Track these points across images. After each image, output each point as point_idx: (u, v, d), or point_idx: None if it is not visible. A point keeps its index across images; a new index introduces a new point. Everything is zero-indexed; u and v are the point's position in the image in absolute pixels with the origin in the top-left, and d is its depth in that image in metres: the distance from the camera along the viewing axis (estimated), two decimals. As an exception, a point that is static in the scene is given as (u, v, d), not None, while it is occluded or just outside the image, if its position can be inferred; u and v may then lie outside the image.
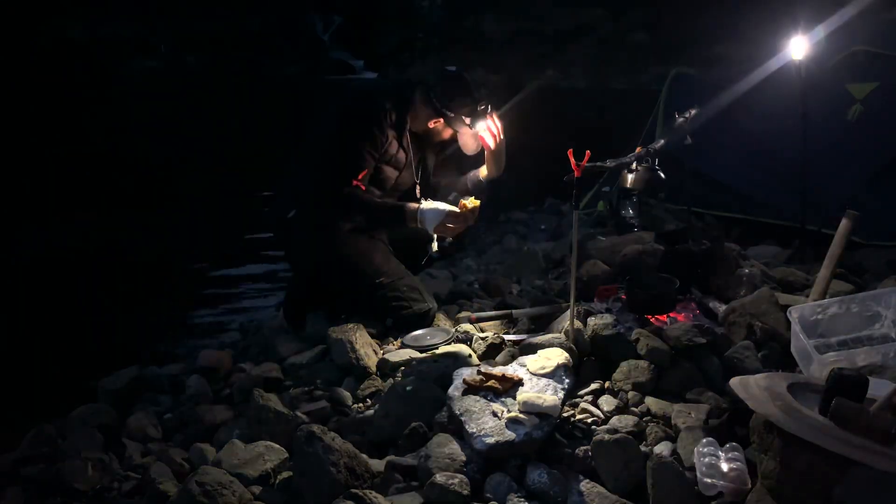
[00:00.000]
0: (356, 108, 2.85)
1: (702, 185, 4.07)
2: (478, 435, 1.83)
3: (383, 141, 2.70)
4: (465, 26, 20.93)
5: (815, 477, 1.44)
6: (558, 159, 2.28)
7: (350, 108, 2.89)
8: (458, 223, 2.59)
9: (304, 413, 2.19)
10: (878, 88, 3.84)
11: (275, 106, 13.44)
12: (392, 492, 1.80)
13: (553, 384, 2.00)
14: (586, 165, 2.19)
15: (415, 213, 2.62)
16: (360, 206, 2.66)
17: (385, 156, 2.74)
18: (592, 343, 2.28)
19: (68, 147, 9.09)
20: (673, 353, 2.20)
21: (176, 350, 3.66)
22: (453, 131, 2.86)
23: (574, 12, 19.94)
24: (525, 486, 1.75)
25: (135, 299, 4.48)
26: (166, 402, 2.53)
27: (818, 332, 2.26)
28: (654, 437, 1.94)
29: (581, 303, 2.60)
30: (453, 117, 2.75)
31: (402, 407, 2.06)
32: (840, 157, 3.73)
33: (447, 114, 2.74)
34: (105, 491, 1.94)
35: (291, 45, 21.46)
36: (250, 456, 1.93)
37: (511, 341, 2.44)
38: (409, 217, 2.63)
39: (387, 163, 2.76)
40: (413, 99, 2.78)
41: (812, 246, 3.32)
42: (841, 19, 3.97)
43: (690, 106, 3.74)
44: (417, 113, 2.79)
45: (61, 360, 3.51)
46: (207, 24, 21.18)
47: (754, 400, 1.61)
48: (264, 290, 4.76)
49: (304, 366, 2.60)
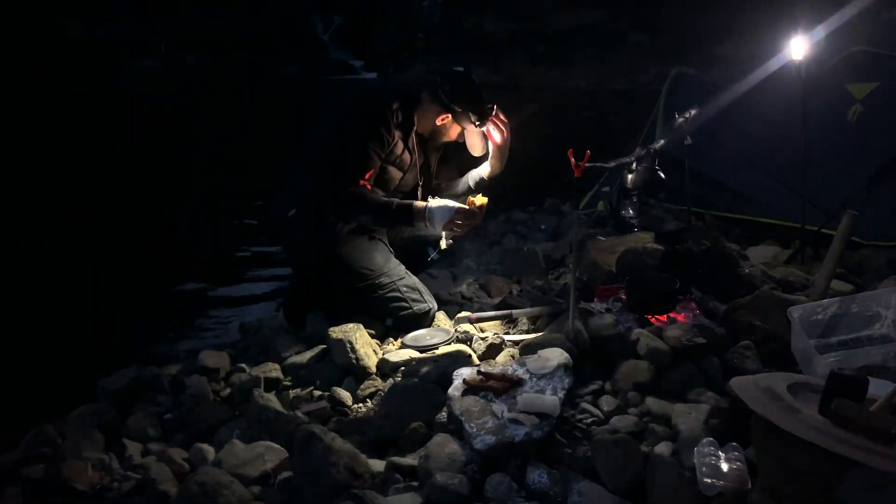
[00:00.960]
0: (362, 108, 2.84)
1: (702, 185, 4.07)
2: (478, 435, 1.83)
3: (389, 140, 2.69)
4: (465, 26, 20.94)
5: (815, 477, 1.44)
6: (558, 159, 2.28)
7: (356, 107, 2.89)
8: (466, 220, 2.61)
9: (304, 413, 2.19)
10: (878, 88, 3.83)
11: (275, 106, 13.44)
12: (392, 492, 1.80)
13: (553, 384, 2.00)
14: (586, 165, 2.19)
15: (423, 211, 2.62)
16: (367, 206, 2.65)
17: (391, 156, 2.73)
18: (592, 343, 2.28)
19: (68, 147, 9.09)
20: (673, 353, 2.20)
21: (176, 350, 3.66)
22: (459, 132, 2.86)
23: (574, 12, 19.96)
24: (525, 486, 1.75)
25: (135, 299, 4.47)
26: (166, 402, 2.52)
27: (818, 332, 2.26)
28: (654, 438, 1.94)
29: (581, 303, 2.60)
30: (461, 112, 2.75)
31: (402, 407, 2.06)
32: (840, 157, 3.73)
33: (455, 109, 2.74)
34: (105, 491, 1.94)
35: (291, 45, 21.46)
36: (250, 456, 1.93)
37: (511, 341, 2.44)
38: (417, 215, 2.63)
39: (392, 163, 2.75)
40: (420, 98, 2.78)
41: (812, 246, 3.32)
42: (841, 19, 3.97)
43: (690, 106, 3.74)
44: (425, 112, 2.79)
45: (61, 360, 3.51)
46: (207, 24, 21.20)
47: (754, 400, 1.61)
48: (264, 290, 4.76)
49: (304, 366, 2.60)
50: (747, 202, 4.02)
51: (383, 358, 2.49)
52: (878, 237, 3.38)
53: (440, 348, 2.49)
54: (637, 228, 3.62)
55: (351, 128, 2.76)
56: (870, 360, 1.99)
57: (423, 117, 2.79)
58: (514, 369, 2.11)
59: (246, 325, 3.58)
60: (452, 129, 2.87)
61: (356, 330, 2.55)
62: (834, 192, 3.56)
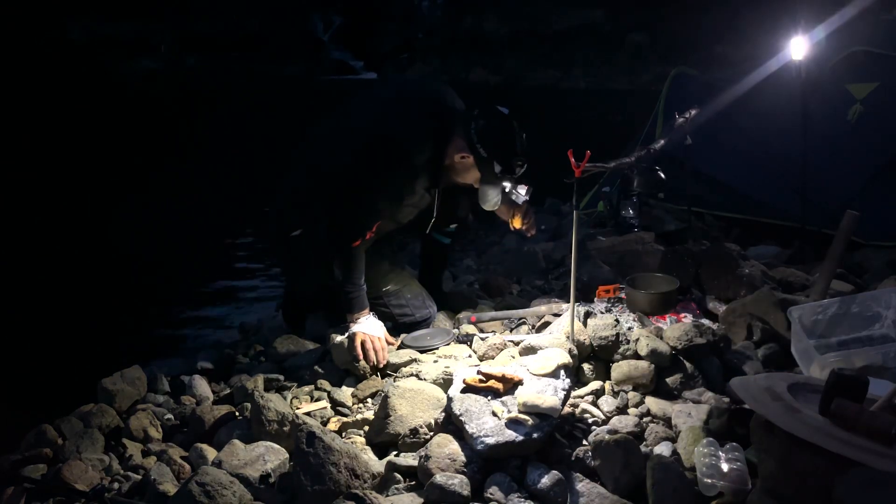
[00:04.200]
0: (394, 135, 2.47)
1: (702, 185, 4.07)
2: (478, 435, 1.83)
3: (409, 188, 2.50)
4: (465, 26, 20.95)
5: (815, 477, 1.44)
6: (558, 159, 2.28)
7: (386, 131, 2.49)
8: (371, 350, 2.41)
9: (304, 413, 2.19)
10: (878, 88, 3.84)
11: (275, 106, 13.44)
12: (392, 492, 1.80)
13: (553, 384, 2.00)
14: (586, 166, 2.19)
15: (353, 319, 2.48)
16: (344, 270, 2.48)
17: (405, 198, 2.54)
18: (592, 343, 2.28)
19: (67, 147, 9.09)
20: (673, 353, 2.20)
21: (176, 350, 3.66)
22: (476, 178, 2.52)
23: (574, 12, 19.98)
24: (525, 486, 1.75)
25: (135, 299, 4.48)
26: (166, 403, 2.52)
27: (818, 332, 2.26)
28: (654, 438, 1.94)
29: (581, 303, 2.60)
30: (485, 159, 2.43)
31: (403, 407, 2.06)
32: (840, 157, 3.73)
33: (480, 152, 2.42)
34: (105, 491, 1.94)
35: (291, 45, 21.47)
36: (250, 456, 1.93)
37: (511, 341, 2.44)
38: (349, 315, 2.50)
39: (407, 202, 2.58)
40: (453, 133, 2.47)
41: (812, 246, 3.33)
42: (841, 19, 3.97)
43: (690, 106, 3.74)
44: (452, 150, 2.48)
45: (62, 359, 3.51)
46: (207, 25, 21.21)
47: (754, 400, 1.61)
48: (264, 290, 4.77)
49: (304, 366, 2.60)
50: (747, 202, 4.02)
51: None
52: (878, 237, 3.38)
53: (440, 348, 2.49)
54: (637, 228, 3.62)
55: (374, 161, 2.46)
56: (870, 360, 1.99)
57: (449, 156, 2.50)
58: (514, 369, 2.11)
59: (246, 325, 3.59)
60: (471, 172, 2.51)
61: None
62: (834, 192, 3.56)
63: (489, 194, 2.53)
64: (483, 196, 2.55)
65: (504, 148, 2.43)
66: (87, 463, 2.05)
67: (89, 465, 2.05)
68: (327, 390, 2.40)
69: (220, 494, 1.72)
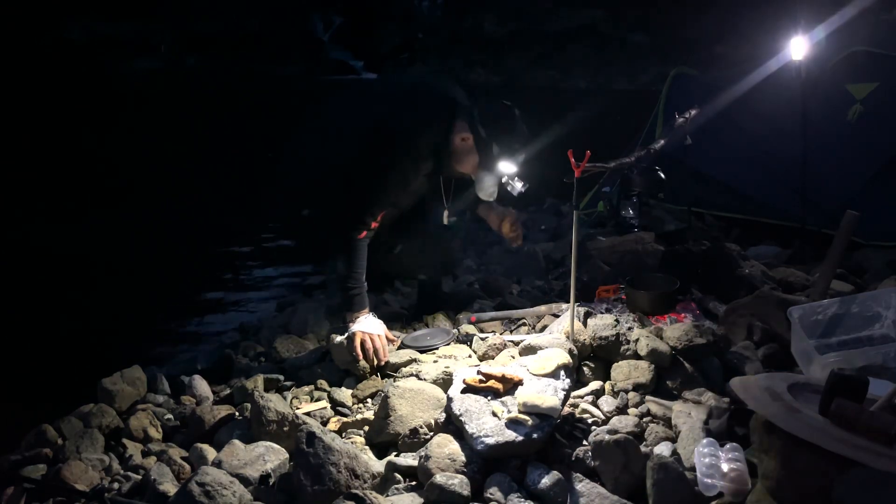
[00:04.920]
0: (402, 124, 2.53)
1: (702, 185, 4.07)
2: (478, 435, 1.83)
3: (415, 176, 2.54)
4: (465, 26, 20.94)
5: (815, 477, 1.44)
6: (558, 159, 2.28)
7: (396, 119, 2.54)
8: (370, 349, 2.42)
9: (304, 413, 2.19)
10: (878, 88, 3.84)
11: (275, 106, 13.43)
12: (392, 492, 1.80)
13: (553, 384, 2.00)
14: (586, 166, 2.19)
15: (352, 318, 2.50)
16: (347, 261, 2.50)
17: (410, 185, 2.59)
18: (592, 343, 2.28)
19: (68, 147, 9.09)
20: (673, 353, 2.20)
21: (176, 350, 3.66)
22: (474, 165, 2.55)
23: (574, 12, 19.96)
24: (525, 486, 1.75)
25: (135, 299, 4.47)
26: (166, 403, 2.53)
27: (818, 332, 2.26)
28: (654, 438, 1.94)
29: (581, 303, 2.60)
30: (485, 140, 2.46)
31: (402, 407, 2.06)
32: (840, 157, 3.73)
33: (480, 133, 2.46)
34: (105, 491, 1.94)
35: (291, 45, 21.46)
36: (250, 456, 1.93)
37: (511, 341, 2.44)
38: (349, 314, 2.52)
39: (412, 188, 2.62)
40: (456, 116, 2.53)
41: (812, 246, 3.33)
42: (841, 19, 3.97)
43: (690, 106, 3.74)
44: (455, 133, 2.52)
45: (62, 359, 3.51)
46: (207, 25, 21.19)
47: (754, 400, 1.61)
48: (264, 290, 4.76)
49: (304, 366, 2.60)
50: (747, 202, 4.02)
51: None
52: (878, 237, 3.38)
53: (440, 348, 2.49)
54: (637, 228, 3.63)
55: (382, 149, 2.50)
56: (870, 360, 1.99)
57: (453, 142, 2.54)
58: (514, 369, 2.11)
59: (246, 325, 3.59)
60: (470, 157, 2.54)
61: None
62: (834, 191, 3.56)
63: (486, 182, 2.54)
64: (480, 183, 2.56)
65: (504, 130, 2.47)
66: (87, 463, 2.06)
67: (89, 465, 2.05)
68: (327, 390, 2.40)
69: (220, 494, 1.72)
